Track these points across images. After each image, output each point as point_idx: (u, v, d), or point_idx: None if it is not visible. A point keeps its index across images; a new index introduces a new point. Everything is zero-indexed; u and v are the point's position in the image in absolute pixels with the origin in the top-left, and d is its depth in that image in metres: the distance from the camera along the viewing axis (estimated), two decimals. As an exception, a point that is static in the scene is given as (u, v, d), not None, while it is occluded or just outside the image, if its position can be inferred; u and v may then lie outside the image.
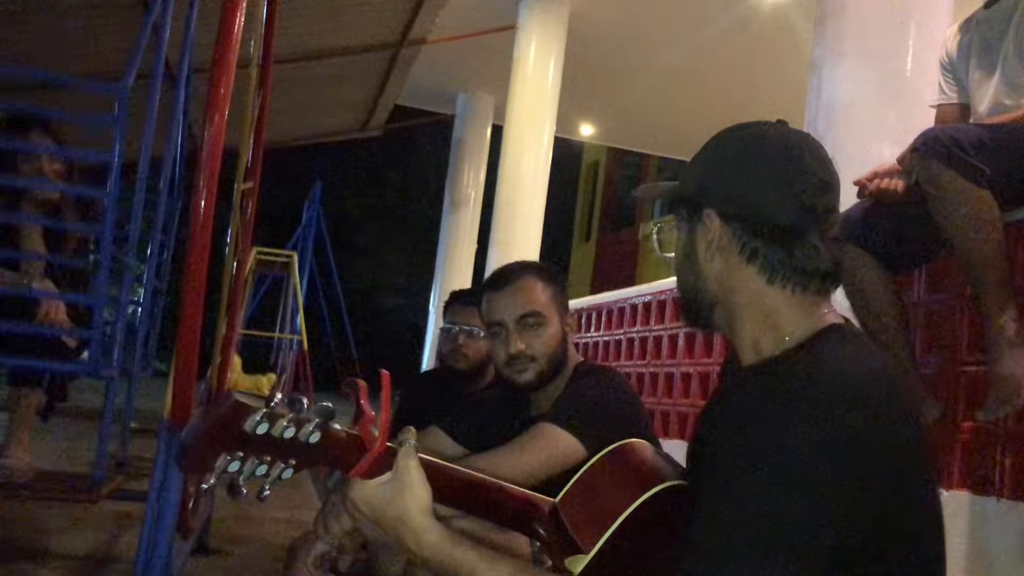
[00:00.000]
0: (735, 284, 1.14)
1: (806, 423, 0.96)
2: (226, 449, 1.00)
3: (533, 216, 7.04)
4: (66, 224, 3.18)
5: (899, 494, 1.00)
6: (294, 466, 1.05)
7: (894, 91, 2.73)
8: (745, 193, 1.12)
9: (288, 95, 6.66)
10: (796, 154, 1.12)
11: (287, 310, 12.95)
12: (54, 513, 3.69)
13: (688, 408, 3.99)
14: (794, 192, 1.10)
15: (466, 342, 2.70)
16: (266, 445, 1.02)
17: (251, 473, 1.03)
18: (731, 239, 1.13)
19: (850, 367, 1.02)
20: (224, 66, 2.02)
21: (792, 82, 5.04)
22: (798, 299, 1.12)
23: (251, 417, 1.00)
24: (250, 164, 3.26)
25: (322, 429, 1.04)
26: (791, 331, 1.10)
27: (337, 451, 1.07)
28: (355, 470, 1.07)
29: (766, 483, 0.95)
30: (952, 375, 2.28)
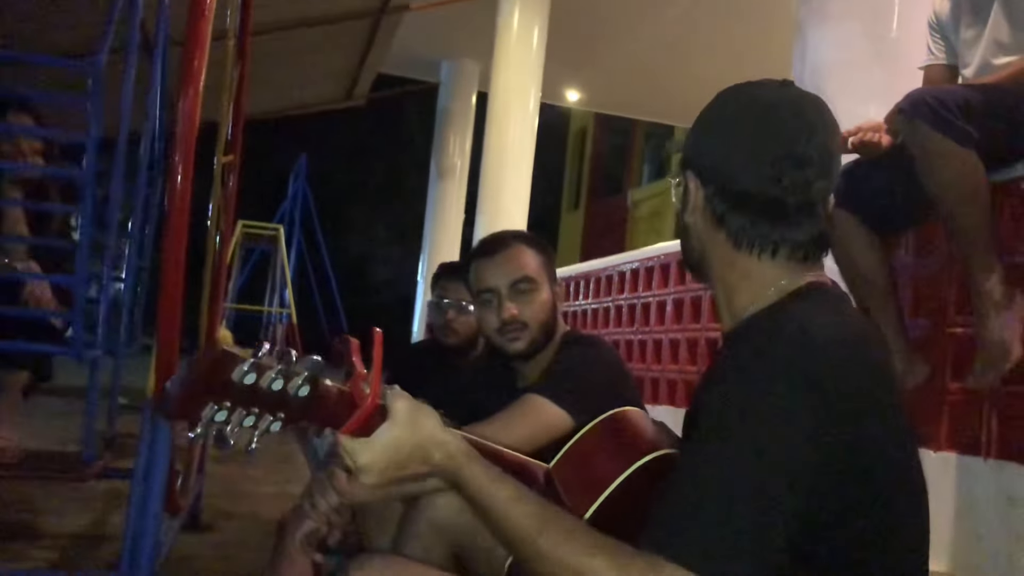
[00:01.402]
0: (710, 247, 1.15)
1: (767, 376, 0.97)
2: (213, 399, 0.99)
3: (520, 184, 7.01)
4: (46, 205, 3.14)
5: (866, 450, 0.99)
6: (283, 419, 1.03)
7: (880, 52, 2.70)
8: (717, 157, 1.13)
9: (269, 66, 6.58)
10: (777, 122, 1.11)
11: (275, 284, 12.93)
12: (43, 492, 3.68)
13: (677, 375, 4.00)
14: (762, 160, 1.10)
15: (456, 316, 2.68)
16: (254, 396, 1.00)
17: (238, 424, 1.01)
18: (705, 203, 1.14)
19: (814, 322, 1.02)
20: (198, 38, 1.99)
21: (779, 44, 5.00)
22: (774, 265, 1.11)
23: (238, 367, 0.98)
24: (230, 137, 3.22)
25: (311, 383, 1.03)
26: (762, 295, 1.10)
27: (327, 407, 1.05)
28: (346, 426, 1.05)
29: (728, 437, 0.95)
30: (940, 337, 2.28)
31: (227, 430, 1.01)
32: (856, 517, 1.00)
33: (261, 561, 2.80)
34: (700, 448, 0.98)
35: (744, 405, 0.96)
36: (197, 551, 3.12)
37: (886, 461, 1.02)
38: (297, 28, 6.48)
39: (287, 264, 12.21)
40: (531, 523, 1.01)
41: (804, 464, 0.95)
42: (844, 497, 0.98)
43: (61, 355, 2.75)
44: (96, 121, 2.26)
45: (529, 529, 1.01)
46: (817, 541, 0.99)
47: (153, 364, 2.02)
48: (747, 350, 1.02)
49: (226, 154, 3.21)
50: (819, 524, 0.98)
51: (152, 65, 3.12)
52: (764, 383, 0.96)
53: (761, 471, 0.94)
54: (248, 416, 1.01)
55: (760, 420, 0.95)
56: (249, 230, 11.83)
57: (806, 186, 1.10)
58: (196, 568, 2.92)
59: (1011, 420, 2.05)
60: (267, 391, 1.00)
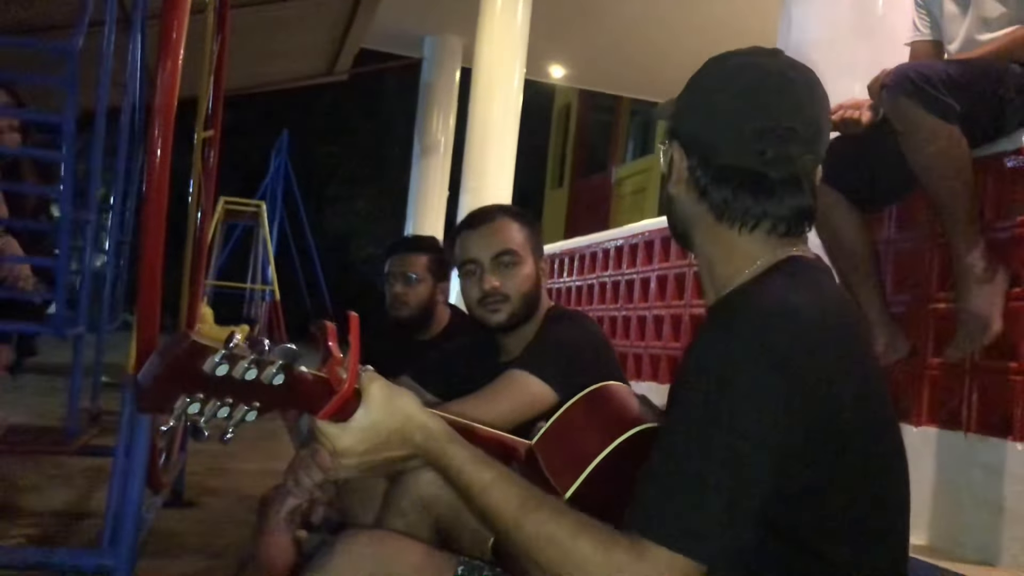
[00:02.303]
0: (693, 219, 1.14)
1: (741, 351, 0.96)
2: (185, 391, 0.97)
3: (504, 161, 6.97)
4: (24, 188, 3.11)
5: (841, 424, 1.00)
6: (258, 408, 1.02)
7: (866, 28, 2.69)
8: (701, 128, 1.11)
9: (249, 40, 6.49)
10: (763, 93, 1.09)
11: (258, 261, 12.85)
12: (25, 470, 3.66)
13: (660, 351, 4.01)
14: (745, 133, 1.08)
15: (404, 289, 2.71)
16: (227, 387, 0.98)
17: (212, 415, 0.99)
18: (689, 174, 1.12)
19: (790, 297, 1.02)
20: (177, 9, 1.95)
21: (764, 20, 4.98)
22: (756, 239, 1.10)
23: (210, 358, 0.96)
24: (210, 112, 3.18)
25: (286, 371, 1.01)
26: (743, 269, 1.10)
27: (304, 393, 1.04)
28: (324, 411, 1.04)
29: (703, 414, 0.95)
30: (922, 312, 2.29)
31: (201, 422, 0.99)
32: (833, 490, 1.00)
33: (244, 537, 2.81)
34: (677, 426, 0.98)
35: (719, 381, 0.96)
36: (180, 527, 3.11)
37: (863, 435, 1.03)
38: (278, 1, 6.39)
39: (269, 241, 12.12)
40: (514, 504, 1.00)
41: (779, 439, 0.95)
42: (820, 471, 0.99)
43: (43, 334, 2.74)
44: (72, 105, 2.23)
45: (512, 510, 1.00)
46: (794, 514, 1.00)
47: (133, 341, 2.00)
48: (723, 325, 1.01)
49: (206, 129, 3.18)
50: (796, 498, 0.99)
51: (130, 39, 3.08)
52: (739, 359, 0.96)
53: (737, 448, 0.94)
54: (223, 407, 0.99)
55: (735, 396, 0.95)
56: (231, 207, 11.73)
57: (790, 160, 1.08)
58: (179, 544, 2.92)
59: (991, 395, 2.06)
60: (241, 381, 0.98)
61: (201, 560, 2.78)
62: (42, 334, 2.92)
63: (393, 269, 2.76)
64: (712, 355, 0.99)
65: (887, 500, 1.07)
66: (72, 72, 2.21)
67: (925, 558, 1.95)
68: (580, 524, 0.97)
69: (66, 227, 2.33)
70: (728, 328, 1.00)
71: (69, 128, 2.25)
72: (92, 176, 2.41)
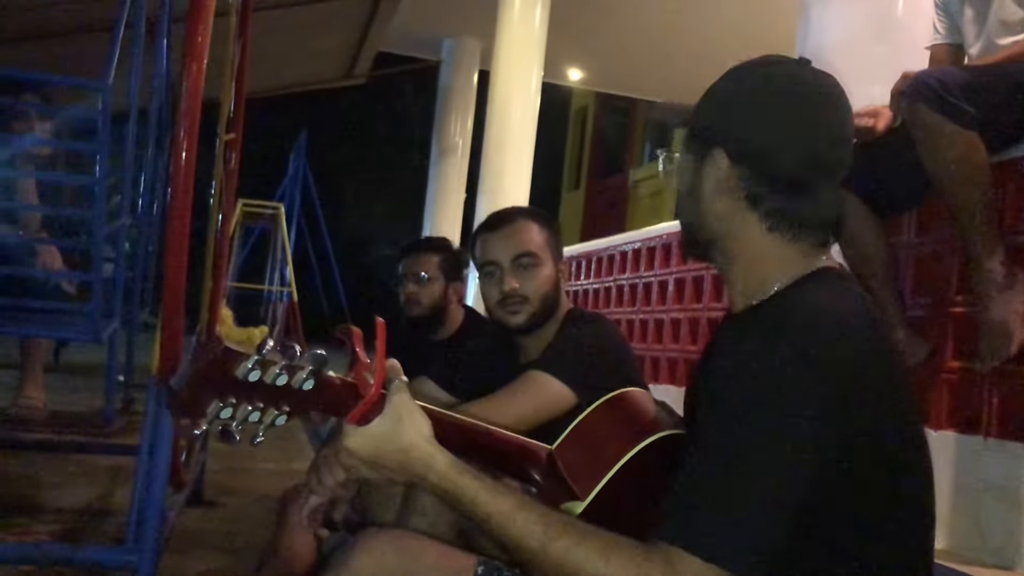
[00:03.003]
0: (735, 228, 1.13)
1: (780, 361, 0.97)
2: (217, 396, 1.00)
3: (521, 164, 6.99)
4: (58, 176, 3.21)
5: (876, 434, 1.01)
6: (288, 412, 1.05)
7: (885, 31, 2.69)
8: (756, 137, 1.10)
9: (270, 43, 6.55)
10: (814, 102, 1.10)
11: (276, 263, 12.91)
12: (49, 467, 3.70)
13: (678, 354, 4.01)
14: (805, 142, 1.09)
15: (416, 289, 2.77)
16: (258, 392, 1.01)
17: (244, 419, 1.03)
18: (737, 182, 1.11)
19: (826, 301, 1.03)
20: (201, 14, 1.98)
21: (782, 23, 4.98)
22: (794, 248, 1.11)
23: (242, 364, 0.99)
24: (232, 115, 3.21)
25: (315, 376, 1.04)
26: (780, 279, 1.10)
27: (332, 398, 1.06)
28: (351, 416, 1.07)
29: (741, 425, 0.96)
30: (941, 316, 2.29)
31: (233, 426, 1.02)
32: (868, 498, 1.01)
33: (263, 536, 2.83)
34: (713, 436, 0.99)
35: (756, 392, 0.97)
36: (200, 525, 3.14)
37: (896, 440, 1.04)
38: (298, 5, 6.44)
39: (288, 242, 12.18)
40: (538, 531, 1.00)
41: (816, 449, 0.96)
42: (856, 479, 0.99)
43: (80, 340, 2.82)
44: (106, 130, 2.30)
45: (537, 537, 1.00)
46: (828, 523, 1.00)
47: (157, 341, 2.03)
48: (760, 335, 1.02)
49: (227, 132, 3.21)
50: (831, 506, 0.99)
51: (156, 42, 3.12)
52: (777, 369, 0.97)
53: (774, 458, 0.94)
54: (253, 411, 1.02)
55: (772, 407, 0.96)
56: (249, 209, 11.79)
57: (834, 169, 1.10)
58: (200, 542, 2.94)
59: (1011, 399, 2.06)
60: (272, 387, 1.01)
61: (222, 557, 2.81)
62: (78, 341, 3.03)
63: (406, 269, 2.82)
64: (749, 368, 0.99)
65: (918, 504, 1.07)
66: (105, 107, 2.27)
67: (945, 562, 1.95)
68: (608, 544, 0.98)
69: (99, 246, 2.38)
70: (769, 336, 1.00)
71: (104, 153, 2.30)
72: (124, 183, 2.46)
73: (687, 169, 1.17)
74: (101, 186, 2.40)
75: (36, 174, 3.16)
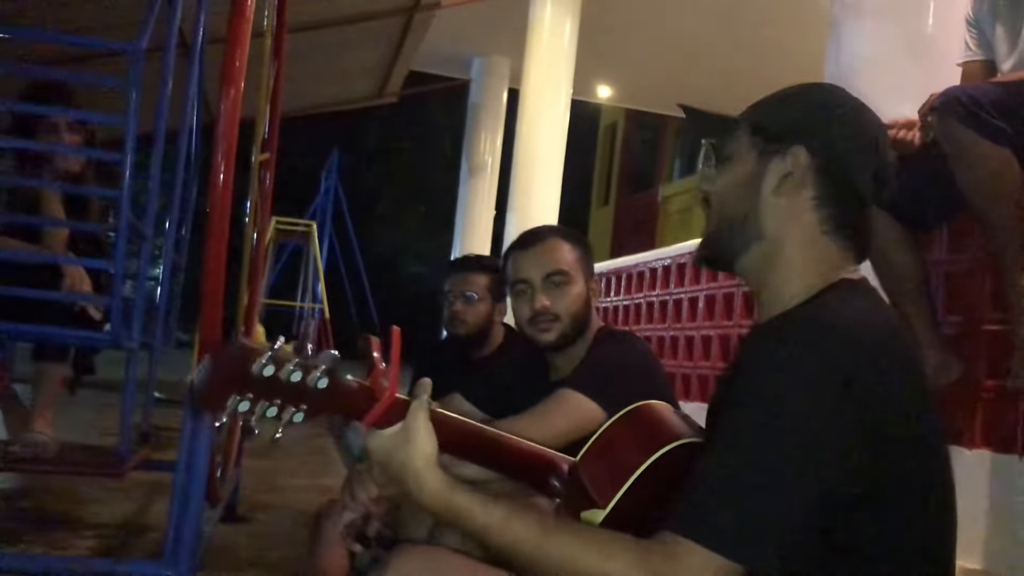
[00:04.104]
0: (790, 226, 1.14)
1: (798, 364, 0.99)
2: (235, 391, 1.05)
3: (551, 181, 7.01)
4: (84, 189, 3.19)
5: (895, 444, 1.01)
6: (304, 410, 1.09)
7: (916, 49, 2.68)
8: (837, 144, 1.14)
9: (303, 64, 6.63)
10: (875, 130, 1.17)
11: (308, 279, 13.03)
12: (86, 483, 3.77)
13: (709, 371, 4.00)
14: (871, 163, 1.14)
15: (463, 308, 2.74)
16: (274, 388, 1.06)
17: (262, 415, 1.07)
18: (813, 180, 1.13)
19: (848, 314, 1.04)
20: (238, 39, 2.03)
21: (812, 40, 4.97)
22: (838, 256, 1.14)
23: (257, 359, 1.04)
24: (267, 135, 3.27)
25: (329, 375, 1.08)
26: (815, 284, 1.12)
27: (347, 399, 1.11)
28: (366, 419, 1.12)
29: (760, 426, 0.97)
30: (974, 334, 2.27)
31: (251, 420, 1.07)
32: (881, 506, 1.02)
33: (296, 551, 2.86)
34: (730, 435, 1.00)
35: (778, 393, 0.98)
36: (234, 541, 3.18)
37: (915, 452, 1.04)
38: (331, 26, 6.53)
39: (320, 259, 12.30)
40: (534, 533, 1.02)
41: (834, 453, 0.97)
42: (870, 487, 1.00)
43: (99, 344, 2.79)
44: (135, 105, 2.28)
45: (534, 539, 1.02)
46: (842, 527, 1.01)
47: (194, 358, 2.06)
48: (786, 338, 1.03)
49: (262, 151, 3.26)
50: (845, 510, 1.00)
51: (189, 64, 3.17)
52: (802, 373, 0.98)
53: (791, 458, 0.96)
54: (271, 407, 1.07)
55: (793, 410, 0.97)
56: (282, 226, 11.94)
57: (881, 192, 1.15)
58: (234, 557, 2.98)
59: (1047, 418, 2.04)
60: (287, 383, 1.06)
61: (256, 573, 2.84)
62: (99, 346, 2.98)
63: (453, 287, 2.77)
64: (773, 364, 1.00)
65: (934, 517, 1.08)
66: (135, 72, 2.26)
67: (979, 582, 1.93)
68: (607, 539, 1.00)
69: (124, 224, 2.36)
70: (794, 339, 1.02)
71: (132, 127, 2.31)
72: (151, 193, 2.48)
73: (745, 160, 1.17)
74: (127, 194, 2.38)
75: (62, 186, 3.15)
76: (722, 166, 1.19)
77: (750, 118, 1.19)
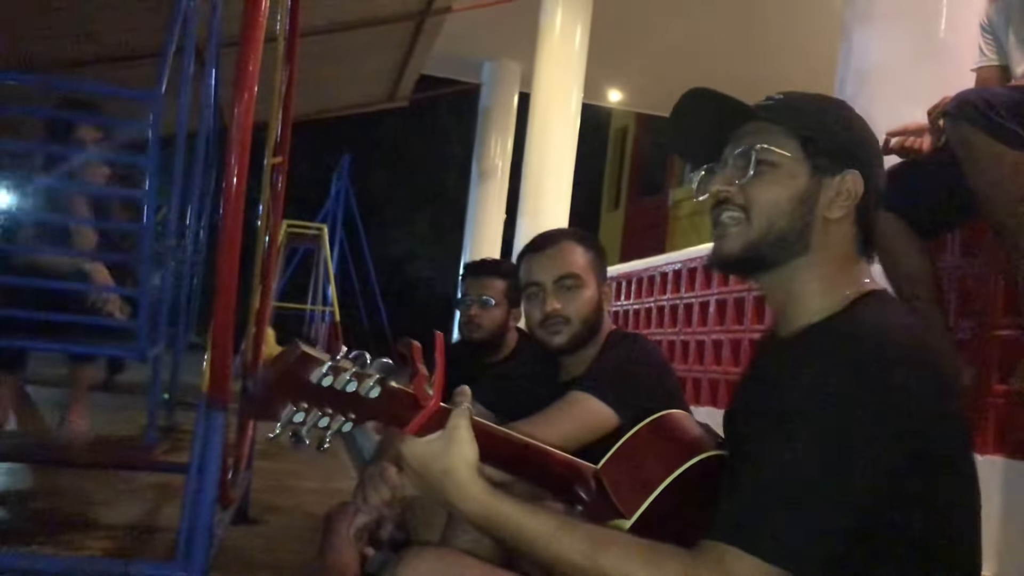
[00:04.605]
0: (833, 244, 1.16)
1: (843, 377, 1.00)
2: (291, 399, 1.04)
3: (561, 185, 7.01)
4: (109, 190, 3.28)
5: (936, 451, 1.03)
6: (353, 419, 1.08)
7: (928, 54, 2.68)
8: (875, 166, 1.19)
9: (314, 67, 6.66)
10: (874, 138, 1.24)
11: (318, 282, 13.06)
12: (99, 485, 3.78)
13: (719, 375, 3.99)
14: (882, 181, 1.20)
15: (479, 312, 2.74)
16: (328, 397, 1.05)
17: (314, 424, 1.07)
18: (863, 202, 1.16)
19: (890, 327, 1.06)
20: (252, 43, 2.04)
21: (823, 45, 4.96)
22: (861, 268, 1.18)
23: (317, 369, 1.03)
24: (279, 138, 3.28)
25: (382, 385, 1.07)
26: (842, 296, 1.13)
27: (393, 407, 1.10)
28: (409, 427, 1.11)
29: (805, 435, 0.98)
30: (986, 339, 2.27)
31: (303, 431, 1.05)
32: (921, 513, 1.03)
33: (307, 553, 2.87)
34: (774, 443, 1.01)
35: (824, 407, 0.99)
36: (246, 543, 3.18)
37: (951, 460, 1.06)
38: (343, 30, 6.55)
39: (330, 263, 12.33)
40: (585, 546, 1.03)
41: (876, 462, 0.98)
42: (908, 494, 1.01)
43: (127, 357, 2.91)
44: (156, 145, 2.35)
45: (585, 552, 1.02)
46: (882, 533, 1.02)
47: (207, 361, 2.07)
48: (819, 350, 1.05)
49: (274, 155, 3.27)
50: (886, 519, 1.01)
51: (205, 68, 3.20)
52: (846, 386, 0.99)
53: (836, 467, 0.97)
54: (323, 417, 1.06)
55: (839, 422, 0.98)
56: (293, 230, 11.97)
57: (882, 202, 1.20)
58: (246, 560, 2.98)
59: (1059, 424, 2.03)
60: (341, 392, 1.05)
61: (267, 575, 2.84)
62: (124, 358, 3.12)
63: (470, 291, 2.77)
64: (819, 380, 1.01)
65: (966, 523, 1.10)
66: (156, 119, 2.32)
67: (992, 589, 1.93)
68: (655, 551, 1.00)
69: (146, 264, 2.44)
70: (826, 360, 1.03)
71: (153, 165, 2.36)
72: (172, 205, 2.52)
73: (798, 174, 1.16)
74: (151, 198, 2.44)
75: (88, 187, 3.24)
76: (765, 173, 1.16)
77: (793, 127, 1.17)
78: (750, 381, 1.28)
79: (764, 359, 1.27)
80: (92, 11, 5.20)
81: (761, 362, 1.28)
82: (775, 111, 1.20)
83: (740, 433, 1.21)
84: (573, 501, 1.27)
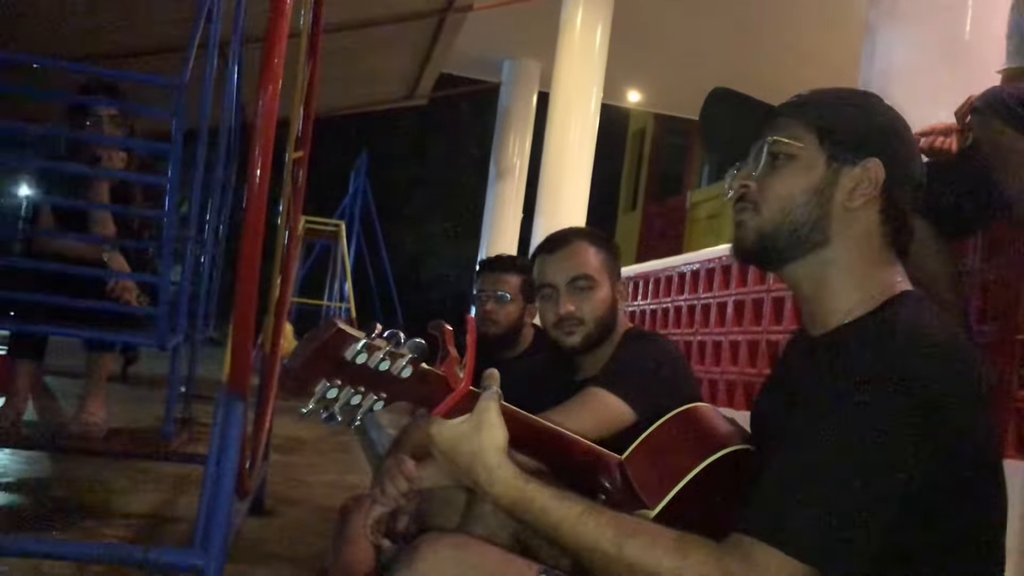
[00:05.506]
0: (856, 236, 1.15)
1: (881, 377, 0.99)
2: (326, 375, 1.05)
3: (579, 185, 7.00)
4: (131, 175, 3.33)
5: (969, 454, 1.03)
6: (384, 399, 1.09)
7: (952, 54, 2.66)
8: (901, 156, 1.17)
9: (336, 64, 6.68)
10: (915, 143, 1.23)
11: (335, 278, 13.12)
12: (116, 474, 3.82)
13: (737, 376, 3.98)
14: (914, 171, 1.19)
15: (495, 308, 2.74)
16: (362, 375, 1.06)
17: (347, 402, 1.07)
18: (882, 192, 1.15)
19: (925, 328, 1.05)
20: (277, 36, 2.04)
21: (845, 46, 4.93)
22: (891, 265, 1.16)
23: (352, 345, 1.04)
24: (300, 134, 3.29)
25: (414, 365, 1.08)
26: (875, 294, 1.13)
27: (424, 388, 1.11)
28: (439, 408, 1.12)
29: (840, 435, 0.98)
30: (1008, 342, 2.25)
31: (335, 408, 1.06)
32: (952, 515, 1.04)
33: (323, 545, 2.89)
34: (808, 441, 1.01)
35: (859, 406, 0.99)
36: (262, 534, 3.21)
37: (984, 466, 1.07)
38: (363, 27, 6.57)
39: (347, 259, 12.38)
40: (610, 532, 1.03)
41: (909, 464, 0.98)
42: (939, 494, 1.02)
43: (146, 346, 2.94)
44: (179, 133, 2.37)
45: (610, 538, 1.03)
46: (912, 536, 1.02)
47: (228, 354, 2.09)
48: (856, 350, 1.04)
49: (296, 150, 3.29)
50: (916, 520, 1.01)
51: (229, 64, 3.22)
52: (883, 387, 0.99)
53: (869, 467, 0.97)
54: (355, 394, 1.07)
55: (872, 421, 0.98)
56: (311, 226, 12.03)
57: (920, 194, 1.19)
58: (262, 550, 3.01)
59: (1081, 428, 2.01)
60: (375, 371, 1.06)
61: (283, 566, 2.86)
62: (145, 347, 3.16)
63: (485, 287, 2.78)
64: (856, 380, 1.01)
65: (995, 523, 1.10)
66: (179, 104, 2.33)
67: (1010, 594, 1.91)
68: (683, 541, 1.00)
69: (168, 250, 2.46)
70: (863, 360, 1.02)
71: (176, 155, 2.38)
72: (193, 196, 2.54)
73: (814, 166, 1.16)
74: (173, 185, 2.47)
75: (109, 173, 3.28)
76: (781, 166, 1.17)
77: (811, 120, 1.17)
78: (781, 379, 1.28)
79: (796, 358, 1.26)
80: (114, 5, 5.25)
81: (792, 361, 1.28)
82: (794, 106, 1.21)
83: (770, 429, 1.21)
84: (596, 491, 1.27)
